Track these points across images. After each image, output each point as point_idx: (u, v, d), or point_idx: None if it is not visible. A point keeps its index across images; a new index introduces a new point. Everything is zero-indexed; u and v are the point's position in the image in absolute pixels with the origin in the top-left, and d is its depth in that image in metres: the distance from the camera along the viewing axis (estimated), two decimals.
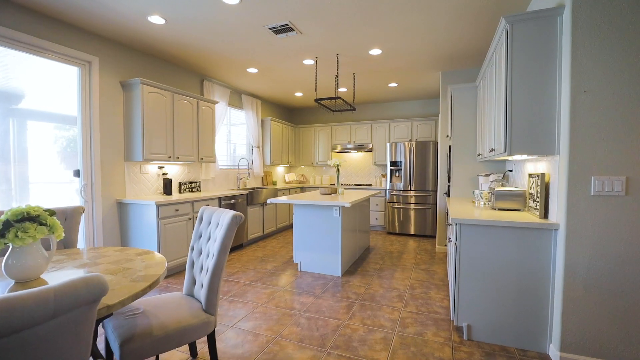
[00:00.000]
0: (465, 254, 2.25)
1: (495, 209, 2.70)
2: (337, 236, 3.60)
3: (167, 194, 4.11)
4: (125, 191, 3.73)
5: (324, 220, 3.66)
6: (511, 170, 3.28)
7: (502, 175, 3.46)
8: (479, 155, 3.45)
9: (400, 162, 5.87)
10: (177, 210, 3.66)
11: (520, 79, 2.11)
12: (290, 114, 7.66)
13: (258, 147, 6.09)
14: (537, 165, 2.47)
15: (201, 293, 1.79)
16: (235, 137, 5.78)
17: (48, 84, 3.08)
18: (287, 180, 7.14)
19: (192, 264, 1.98)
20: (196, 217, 3.91)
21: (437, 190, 5.65)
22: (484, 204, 3.12)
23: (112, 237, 3.59)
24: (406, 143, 5.82)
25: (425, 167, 5.70)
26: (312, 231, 3.74)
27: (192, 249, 1.99)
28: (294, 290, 3.20)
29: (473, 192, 3.37)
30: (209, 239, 1.92)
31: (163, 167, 4.20)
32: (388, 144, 5.96)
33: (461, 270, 2.26)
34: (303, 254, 3.81)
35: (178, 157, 4.03)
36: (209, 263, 1.77)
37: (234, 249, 4.76)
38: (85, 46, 3.29)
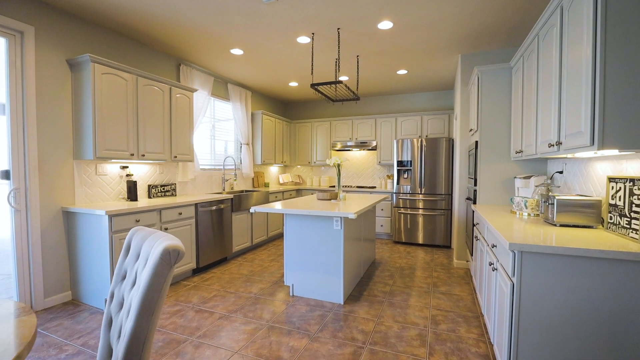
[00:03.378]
0: (529, 296, 1.53)
1: (554, 224, 1.98)
2: (339, 254, 2.88)
3: (131, 200, 3.38)
4: (74, 197, 2.99)
5: (322, 233, 2.94)
6: (561, 172, 2.57)
7: (547, 177, 2.74)
8: (518, 152, 2.73)
9: (409, 161, 5.15)
10: (137, 221, 2.93)
11: (622, 37, 1.39)
12: (284, 108, 6.93)
13: (247, 144, 5.36)
14: (624, 165, 1.75)
15: None
16: (221, 132, 5.05)
17: None
18: (281, 181, 6.41)
19: (110, 322, 1.25)
20: (164, 228, 3.18)
21: (451, 194, 4.93)
22: (529, 214, 2.40)
23: (55, 256, 2.85)
24: (415, 140, 5.10)
25: (437, 168, 4.98)
26: (307, 247, 3.02)
27: (112, 296, 1.26)
28: (282, 327, 2.47)
29: (511, 199, 2.66)
30: (133, 283, 1.19)
31: (127, 167, 3.46)
32: (395, 141, 5.24)
33: (522, 318, 1.54)
34: (296, 275, 3.08)
35: (143, 155, 3.29)
36: (127, 328, 1.05)
37: (215, 264, 4.04)
38: (15, 11, 2.56)
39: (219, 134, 4.98)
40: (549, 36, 2.01)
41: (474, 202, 3.28)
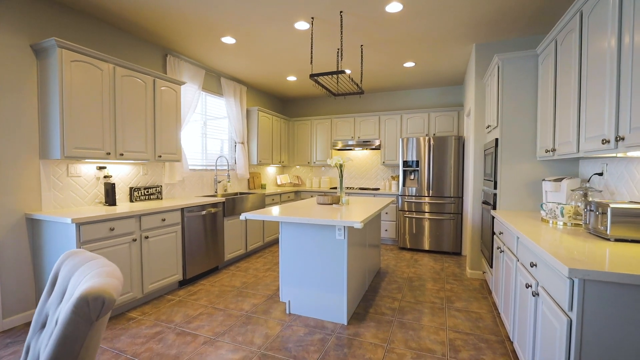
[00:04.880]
0: (595, 339, 1.17)
1: (607, 238, 1.62)
2: (342, 267, 2.52)
3: (109, 204, 3.02)
4: (41, 201, 2.63)
5: (323, 243, 2.58)
6: (601, 174, 2.21)
7: (582, 180, 2.38)
8: (548, 151, 2.37)
9: (416, 161, 4.79)
10: (112, 230, 2.57)
11: None
12: (282, 105, 6.57)
13: (242, 143, 5.00)
14: None
15: None
16: (214, 130, 4.69)
17: None
18: (279, 182, 6.05)
19: None
20: (144, 237, 2.82)
21: (462, 197, 4.57)
22: (565, 224, 2.05)
23: (16, 270, 2.49)
24: (422, 138, 4.74)
25: (446, 168, 4.62)
26: (306, 259, 2.65)
27: (27, 351, 0.90)
28: (276, 356, 2.10)
29: (541, 205, 2.31)
30: (49, 338, 0.83)
31: (105, 168, 3.10)
32: (400, 140, 4.88)
33: None
34: (293, 290, 2.72)
35: (122, 154, 2.93)
36: None
37: (205, 274, 3.67)
38: None
39: (211, 132, 4.62)
40: (600, 10, 1.65)
41: (494, 207, 2.92)
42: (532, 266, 1.64)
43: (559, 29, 2.18)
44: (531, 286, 1.67)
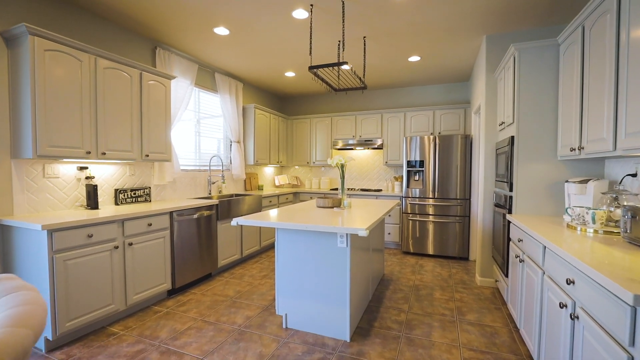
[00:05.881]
0: None
1: None
2: (344, 278, 2.28)
3: (92, 207, 2.78)
4: (12, 205, 2.39)
5: (323, 251, 2.34)
6: (635, 174, 1.97)
7: (609, 181, 2.15)
8: (573, 150, 2.13)
9: (420, 161, 4.56)
10: (90, 236, 2.32)
11: None
12: (280, 103, 6.33)
13: (238, 142, 4.76)
14: None
15: None
16: (208, 129, 4.45)
17: None
18: (277, 183, 5.81)
19: None
20: (128, 244, 2.58)
21: (469, 199, 4.34)
22: (596, 231, 1.81)
23: None
24: (427, 137, 4.51)
25: (452, 169, 4.39)
26: (305, 268, 2.42)
27: None
28: None
29: (566, 209, 2.08)
30: None
31: (87, 168, 2.86)
32: (404, 139, 4.65)
33: None
34: (290, 302, 2.48)
35: (104, 154, 2.69)
36: None
37: (197, 282, 3.43)
38: None
39: (205, 131, 4.38)
40: None
41: (509, 211, 2.68)
42: (568, 283, 1.40)
43: (588, 13, 1.94)
44: (566, 306, 1.43)
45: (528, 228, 2.01)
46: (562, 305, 1.44)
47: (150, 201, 3.40)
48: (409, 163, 4.63)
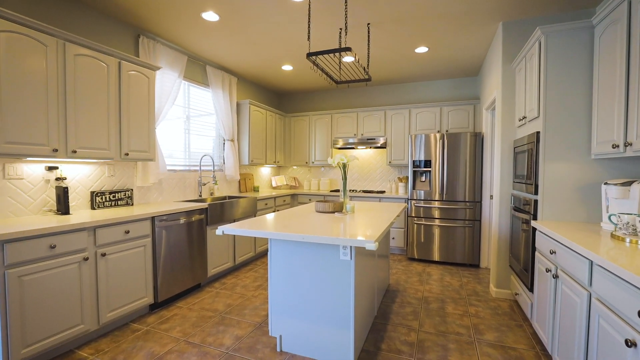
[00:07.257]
0: None
1: None
2: (347, 295, 1.97)
3: (62, 212, 2.46)
4: None
5: (324, 265, 2.02)
6: None
7: None
8: (618, 146, 1.82)
9: (427, 161, 4.25)
10: (53, 247, 2.01)
11: None
12: (277, 99, 6.02)
13: (232, 140, 4.45)
14: None
15: None
16: (199, 126, 4.13)
17: None
18: (274, 184, 5.49)
19: None
20: (100, 255, 2.26)
21: (480, 201, 4.03)
22: None
23: None
24: (434, 135, 4.20)
25: (461, 169, 4.08)
26: (302, 283, 2.10)
27: None
28: None
29: (610, 216, 1.77)
30: None
31: (57, 168, 2.54)
32: (409, 137, 4.34)
33: None
34: (285, 322, 2.16)
35: (75, 152, 2.37)
36: None
37: (184, 294, 3.11)
38: None
39: (196, 128, 4.07)
40: None
41: (534, 217, 2.36)
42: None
43: None
44: (635, 345, 1.12)
45: (565, 239, 1.70)
46: (630, 344, 1.13)
47: (132, 204, 3.08)
48: (414, 163, 4.32)
